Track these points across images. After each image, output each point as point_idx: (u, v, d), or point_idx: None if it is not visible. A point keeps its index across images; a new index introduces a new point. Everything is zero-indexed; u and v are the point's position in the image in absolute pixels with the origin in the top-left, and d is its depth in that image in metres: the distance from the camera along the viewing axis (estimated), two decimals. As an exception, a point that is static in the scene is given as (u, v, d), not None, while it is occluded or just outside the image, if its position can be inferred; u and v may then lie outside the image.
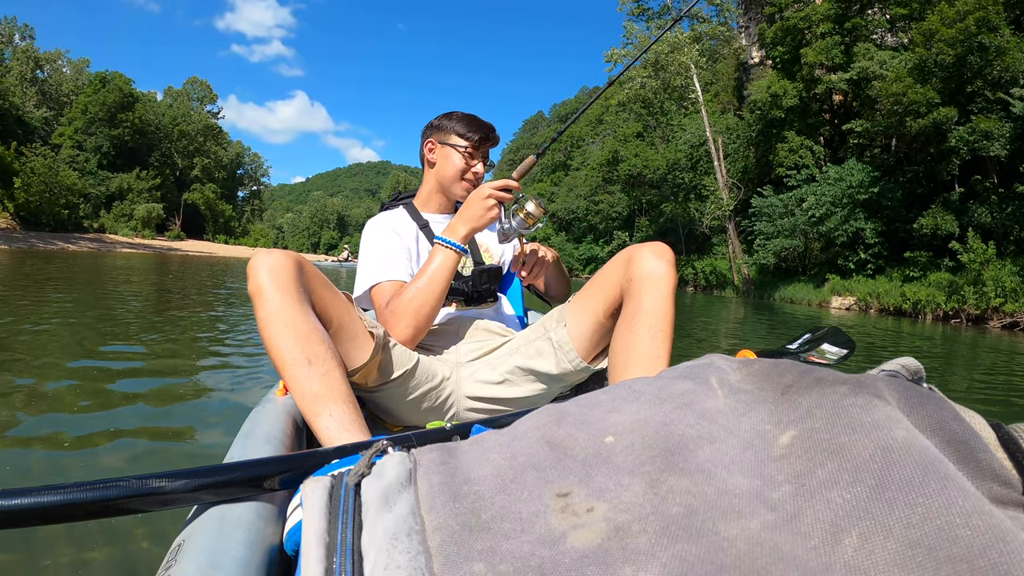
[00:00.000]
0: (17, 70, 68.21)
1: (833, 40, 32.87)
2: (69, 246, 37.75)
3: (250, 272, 1.45)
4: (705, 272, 43.05)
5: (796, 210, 31.20)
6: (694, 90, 42.13)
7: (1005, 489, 0.56)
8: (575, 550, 0.55)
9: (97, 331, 6.58)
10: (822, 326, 2.55)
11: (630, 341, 1.67)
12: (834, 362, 2.17)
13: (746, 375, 0.79)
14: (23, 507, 0.82)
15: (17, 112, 58.82)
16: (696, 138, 44.52)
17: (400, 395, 1.83)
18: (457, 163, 2.21)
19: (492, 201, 1.89)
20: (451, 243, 1.90)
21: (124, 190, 69.70)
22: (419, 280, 1.88)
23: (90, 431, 3.15)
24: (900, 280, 26.13)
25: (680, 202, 47.88)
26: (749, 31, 54.99)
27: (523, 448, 0.72)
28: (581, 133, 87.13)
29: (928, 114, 25.74)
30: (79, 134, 69.07)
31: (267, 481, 0.98)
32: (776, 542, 0.52)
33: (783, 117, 35.73)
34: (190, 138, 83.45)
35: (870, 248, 28.59)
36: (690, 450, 0.65)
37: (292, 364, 1.38)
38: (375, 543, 0.63)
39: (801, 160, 34.19)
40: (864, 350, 9.43)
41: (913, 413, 0.63)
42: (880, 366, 0.84)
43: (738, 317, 17.13)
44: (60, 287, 11.45)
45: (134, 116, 72.07)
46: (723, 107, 54.65)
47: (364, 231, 2.25)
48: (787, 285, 32.33)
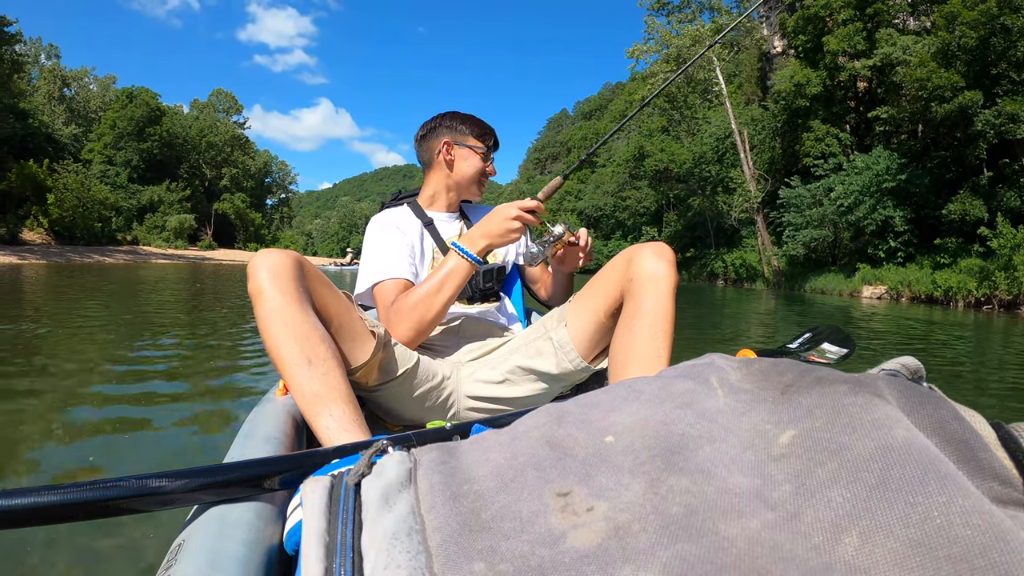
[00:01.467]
0: (45, 89, 69.57)
1: (855, 27, 32.43)
2: (105, 258, 38.38)
3: (250, 272, 1.46)
4: (735, 265, 42.63)
5: (824, 200, 30.75)
6: (717, 83, 41.93)
7: (1005, 488, 0.56)
8: (575, 550, 0.55)
9: (120, 336, 6.71)
10: (823, 325, 2.54)
11: (630, 341, 1.67)
12: (834, 361, 2.18)
13: (746, 374, 0.79)
14: (23, 507, 0.82)
15: (47, 130, 59.84)
16: (721, 130, 44.40)
17: (400, 394, 1.83)
18: (476, 165, 2.26)
19: (517, 223, 1.89)
20: (468, 253, 1.89)
21: (155, 202, 71.10)
22: (428, 284, 1.88)
23: (89, 431, 3.18)
24: (931, 267, 25.74)
25: (708, 196, 47.70)
26: (770, 20, 54.74)
27: (523, 448, 0.72)
28: (606, 130, 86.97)
29: (953, 98, 25.41)
30: (108, 149, 70.64)
31: (267, 481, 0.98)
32: (776, 541, 0.52)
33: (808, 106, 35.40)
34: (217, 149, 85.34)
35: (900, 236, 28.20)
36: (690, 449, 0.65)
37: (292, 364, 1.38)
38: (375, 543, 0.63)
39: (828, 149, 33.85)
40: (899, 342, 9.35)
41: (913, 412, 0.63)
42: (880, 365, 0.84)
43: (768, 310, 16.94)
44: (96, 297, 11.71)
45: (161, 129, 73.82)
46: (747, 98, 54.45)
47: (368, 228, 2.25)
48: (817, 276, 32.02)
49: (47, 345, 5.87)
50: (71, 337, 6.44)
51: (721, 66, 42.14)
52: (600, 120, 74.24)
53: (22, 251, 34.75)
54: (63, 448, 2.97)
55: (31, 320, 7.78)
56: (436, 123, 2.29)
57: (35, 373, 4.54)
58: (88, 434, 3.16)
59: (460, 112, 2.31)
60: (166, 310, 10.10)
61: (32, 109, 57.57)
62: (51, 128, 62.05)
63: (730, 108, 41.56)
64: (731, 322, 12.17)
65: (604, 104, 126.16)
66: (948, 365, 6.91)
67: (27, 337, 6.31)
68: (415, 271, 2.10)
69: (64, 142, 63.72)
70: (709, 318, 12.62)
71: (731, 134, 41.90)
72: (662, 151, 51.75)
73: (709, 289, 34.00)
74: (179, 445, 3.11)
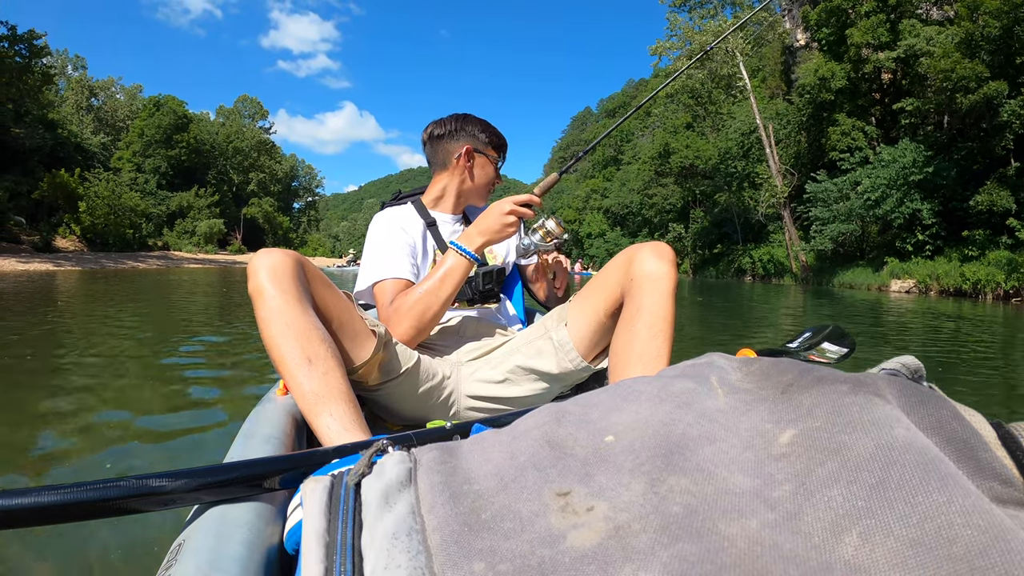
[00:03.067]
0: (73, 99, 70.57)
1: (878, 18, 32.33)
2: (139, 264, 38.83)
3: (250, 272, 1.46)
4: (763, 261, 42.61)
5: (851, 194, 30.80)
6: (741, 78, 41.93)
7: (1005, 488, 0.56)
8: (575, 549, 0.55)
9: (146, 336, 6.80)
10: (823, 325, 2.52)
11: (630, 341, 1.67)
12: (834, 361, 2.18)
13: (746, 374, 0.79)
14: (23, 507, 0.82)
15: (76, 140, 60.71)
16: (746, 125, 44.39)
17: (401, 394, 1.83)
18: (490, 174, 2.28)
19: (512, 218, 1.90)
20: (466, 251, 1.90)
21: (184, 208, 72.26)
22: (427, 283, 1.89)
23: (89, 431, 3.19)
24: (959, 260, 25.62)
25: (734, 191, 47.76)
26: (792, 13, 54.76)
27: (523, 447, 0.72)
28: (631, 127, 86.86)
29: (978, 89, 25.41)
30: (137, 157, 71.67)
31: (267, 481, 0.98)
32: (776, 541, 0.52)
33: (833, 100, 35.33)
34: (244, 154, 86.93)
35: (927, 229, 28.14)
36: (690, 449, 0.65)
37: (292, 364, 1.38)
38: (375, 542, 0.63)
39: (854, 142, 33.79)
40: (928, 338, 9.21)
41: (913, 412, 0.63)
42: (880, 364, 0.84)
43: (798, 305, 16.77)
44: (124, 301, 11.88)
45: (189, 136, 75.14)
46: (771, 92, 54.41)
47: (370, 226, 2.25)
48: (845, 270, 32.06)
49: (70, 343, 5.92)
50: (91, 336, 6.50)
51: (744, 61, 42.00)
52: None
53: (56, 258, 35.20)
54: (63, 448, 2.98)
55: (52, 321, 7.88)
56: (457, 126, 2.25)
57: (46, 372, 4.58)
58: (89, 434, 3.17)
59: (478, 118, 2.29)
60: (189, 311, 10.20)
61: (61, 119, 58.59)
62: (80, 138, 62.95)
63: (755, 103, 41.52)
64: (757, 320, 12.06)
65: (627, 101, 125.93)
66: (980, 360, 6.78)
67: (39, 336, 6.38)
68: (416, 270, 2.10)
69: (93, 151, 64.65)
70: (735, 317, 12.50)
71: (756, 129, 41.89)
72: (687, 147, 51.85)
73: (737, 285, 33.93)
74: (179, 445, 3.10)
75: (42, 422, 3.37)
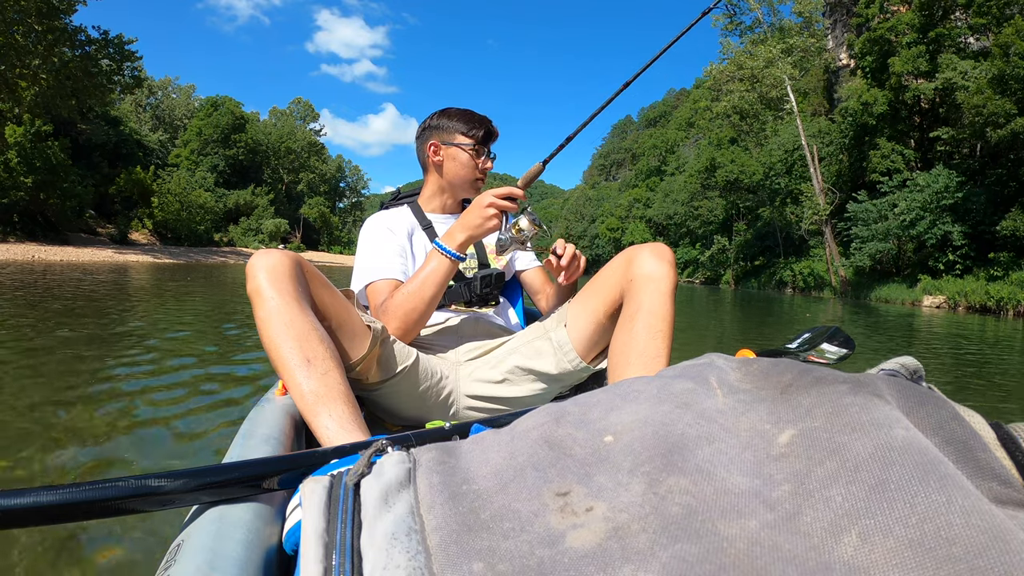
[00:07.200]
0: (131, 97, 71.75)
1: (919, 49, 33.58)
2: (221, 259, 39.98)
3: (249, 273, 1.46)
4: (803, 274, 43.51)
5: (889, 215, 32.16)
6: (788, 101, 43.04)
7: (1005, 488, 0.56)
8: (574, 550, 0.55)
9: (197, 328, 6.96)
10: (823, 325, 2.51)
11: (629, 341, 1.67)
12: (833, 361, 2.18)
13: (745, 374, 0.79)
14: (23, 507, 0.81)
15: (137, 136, 62.60)
16: (790, 143, 45.31)
17: (400, 393, 1.83)
18: (465, 163, 2.20)
19: (492, 211, 1.85)
20: (446, 250, 1.87)
21: (241, 206, 74.46)
22: (411, 284, 1.87)
23: (89, 431, 3.19)
24: (985, 279, 27.31)
25: (777, 207, 48.89)
26: (835, 33, 55.74)
27: (522, 447, 0.72)
28: (675, 138, 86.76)
29: (1007, 124, 26.86)
30: (195, 155, 73.45)
31: (266, 481, 0.98)
32: (776, 541, 0.52)
33: (874, 124, 36.59)
34: (296, 154, 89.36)
35: (958, 250, 29.64)
36: (689, 450, 0.65)
37: (291, 364, 1.38)
38: (374, 543, 0.63)
39: (893, 165, 35.09)
40: (951, 349, 9.52)
41: (912, 412, 0.63)
42: (880, 365, 0.84)
43: (836, 318, 17.36)
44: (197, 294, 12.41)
45: (247, 136, 77.68)
46: (814, 109, 55.28)
47: (361, 230, 2.25)
48: (882, 286, 33.38)
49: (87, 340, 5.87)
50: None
51: (792, 84, 42.45)
52: (665, 128, 74.37)
53: (140, 250, 36.59)
54: (63, 448, 2.97)
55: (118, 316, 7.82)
56: (424, 124, 2.26)
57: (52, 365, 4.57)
58: (88, 434, 3.17)
59: (449, 108, 2.26)
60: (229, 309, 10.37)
61: (121, 116, 60.50)
62: (140, 135, 64.86)
63: (801, 126, 42.21)
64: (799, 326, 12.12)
65: (668, 111, 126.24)
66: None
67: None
68: (406, 271, 2.09)
69: (152, 147, 66.69)
70: (779, 326, 12.58)
71: (799, 147, 42.84)
72: (732, 162, 53.07)
73: (777, 297, 35.13)
74: (178, 445, 3.11)
75: (42, 421, 3.35)
